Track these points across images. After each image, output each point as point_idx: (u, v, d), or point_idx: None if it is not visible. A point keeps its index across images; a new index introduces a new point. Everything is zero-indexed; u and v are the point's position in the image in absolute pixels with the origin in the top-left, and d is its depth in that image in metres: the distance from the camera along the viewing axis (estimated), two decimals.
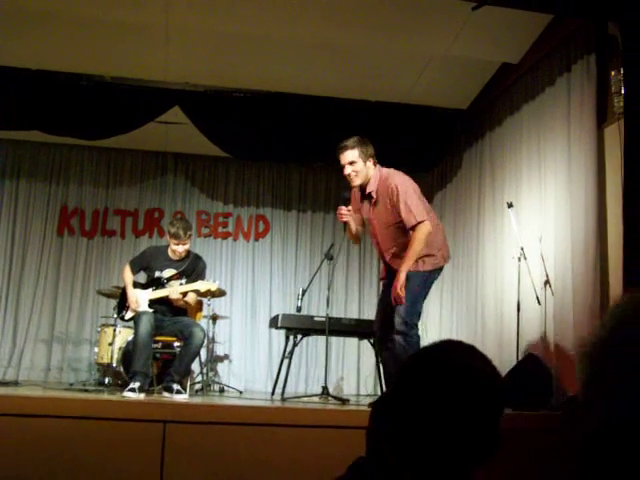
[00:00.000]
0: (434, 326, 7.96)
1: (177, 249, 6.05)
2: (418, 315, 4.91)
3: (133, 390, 5.31)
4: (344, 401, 5.87)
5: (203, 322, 6.72)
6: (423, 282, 4.90)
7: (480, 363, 1.29)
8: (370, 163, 5.02)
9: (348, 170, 4.97)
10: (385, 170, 5.09)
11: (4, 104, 7.35)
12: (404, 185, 4.97)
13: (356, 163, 4.97)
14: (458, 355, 1.30)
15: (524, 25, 6.27)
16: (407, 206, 4.89)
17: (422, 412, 1.23)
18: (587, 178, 5.35)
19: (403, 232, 4.95)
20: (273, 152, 8.32)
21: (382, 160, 5.11)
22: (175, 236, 6.03)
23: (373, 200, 5.04)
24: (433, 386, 1.24)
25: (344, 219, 5.02)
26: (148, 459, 3.60)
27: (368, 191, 5.03)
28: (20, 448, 3.60)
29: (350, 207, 5.07)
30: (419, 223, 4.83)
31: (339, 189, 9.69)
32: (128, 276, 6.11)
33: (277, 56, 7.06)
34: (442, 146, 8.20)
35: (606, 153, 5.38)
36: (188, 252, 6.22)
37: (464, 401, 1.23)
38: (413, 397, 1.25)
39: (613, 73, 5.28)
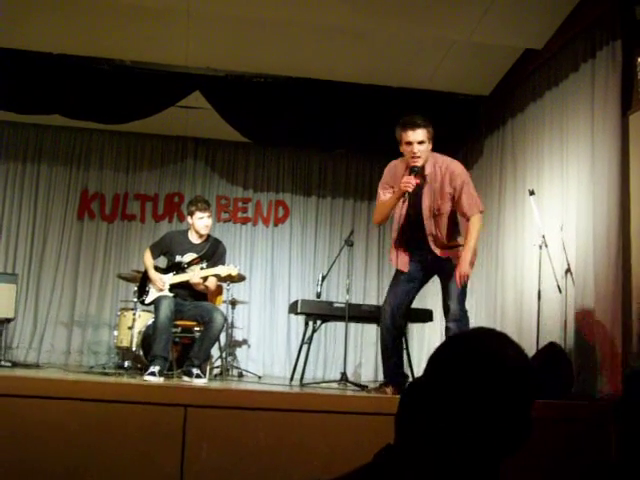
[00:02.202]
0: None
1: (202, 223, 6.05)
2: None
3: (153, 374, 5.33)
4: (363, 387, 5.87)
5: (222, 307, 6.73)
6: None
7: (512, 350, 1.28)
8: (431, 145, 4.84)
9: (416, 149, 4.71)
10: (438, 155, 4.91)
11: (26, 88, 7.38)
12: (465, 173, 4.92)
13: (424, 143, 4.76)
14: (490, 342, 1.29)
15: (548, 10, 6.20)
16: (470, 195, 4.85)
17: (454, 399, 1.22)
18: (610, 166, 5.30)
19: (449, 219, 4.88)
20: (293, 138, 8.30)
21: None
22: (200, 208, 6.05)
23: (426, 182, 4.84)
24: (465, 373, 1.23)
25: (409, 189, 4.65)
26: (169, 443, 3.61)
27: (426, 172, 4.82)
28: (41, 430, 3.63)
29: (407, 181, 4.67)
30: (480, 212, 4.84)
31: (359, 175, 9.70)
32: (149, 260, 6.12)
33: (298, 41, 7.03)
34: (463, 133, 8.15)
35: (630, 141, 5.31)
36: (208, 236, 6.22)
37: (496, 388, 1.22)
38: (445, 384, 1.24)
39: (639, 59, 5.20)
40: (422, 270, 5.00)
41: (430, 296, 7.60)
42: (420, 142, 4.73)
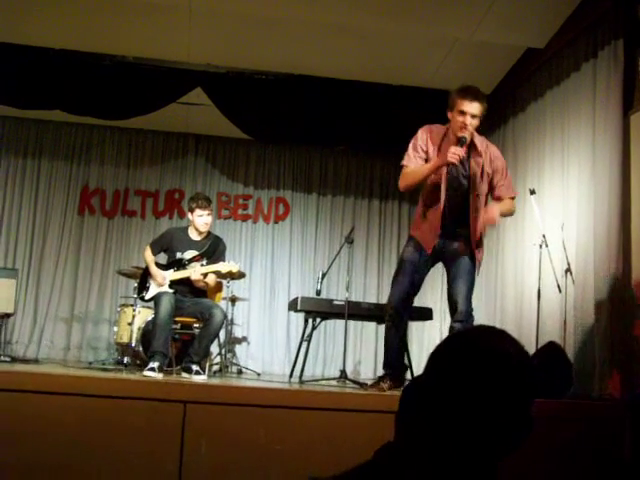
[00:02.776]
0: None
1: (201, 221, 6.05)
2: None
3: (152, 369, 5.34)
4: (362, 385, 5.87)
5: (222, 304, 6.73)
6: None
7: (513, 348, 1.28)
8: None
9: (469, 120, 4.50)
10: (476, 134, 4.73)
11: (27, 84, 7.38)
12: (502, 157, 4.88)
13: (477, 118, 4.55)
14: (491, 339, 1.29)
15: (550, 9, 6.19)
16: (510, 178, 4.86)
17: (454, 397, 1.23)
18: (611, 166, 5.29)
19: (481, 202, 4.73)
20: (294, 135, 8.30)
21: (405, 143, 4.98)
22: (201, 206, 6.05)
23: (470, 158, 4.68)
24: (465, 370, 1.24)
25: (455, 161, 4.41)
26: (168, 439, 3.61)
27: (480, 149, 4.67)
28: (40, 425, 3.63)
29: (455, 152, 4.43)
30: (514, 198, 4.86)
31: (359, 173, 9.70)
32: (149, 256, 6.13)
33: (300, 39, 7.03)
34: None
35: (632, 141, 5.30)
36: (208, 233, 6.23)
37: (496, 385, 1.23)
38: (445, 381, 1.25)
39: None
40: (432, 258, 4.83)
41: (430, 294, 7.62)
42: (473, 116, 4.53)
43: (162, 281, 5.96)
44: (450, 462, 1.23)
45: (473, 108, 4.52)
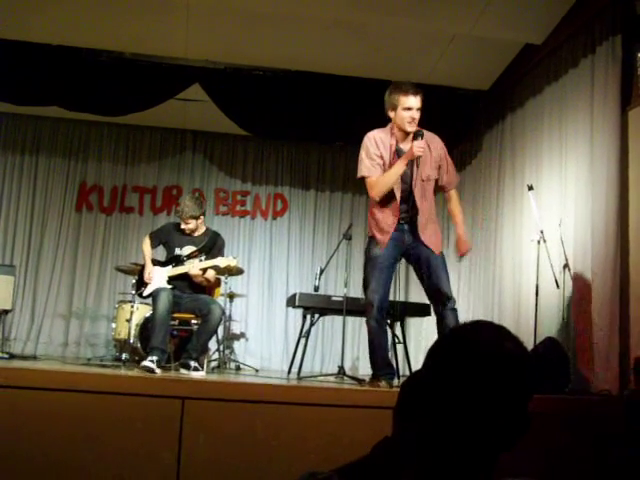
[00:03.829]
0: None
1: (187, 227, 6.09)
2: None
3: (151, 362, 5.33)
4: (360, 381, 5.87)
5: (220, 300, 6.73)
6: None
7: (511, 343, 1.28)
8: None
9: (416, 115, 4.66)
10: None
11: (24, 80, 7.36)
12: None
13: (419, 110, 4.70)
14: (489, 334, 1.29)
15: (548, 5, 6.19)
16: (452, 163, 4.97)
17: (453, 392, 1.22)
18: (609, 162, 5.29)
19: (430, 192, 4.87)
20: (292, 131, 8.30)
21: None
22: (182, 217, 6.08)
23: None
24: (463, 366, 1.23)
25: (421, 153, 4.61)
26: (166, 435, 3.62)
27: (427, 142, 4.77)
28: (38, 422, 3.63)
29: (419, 146, 4.61)
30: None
31: (357, 169, 9.68)
32: (147, 248, 6.14)
33: (297, 34, 7.02)
34: (462, 127, 8.14)
35: (630, 137, 5.31)
36: (207, 229, 6.24)
37: (495, 380, 1.22)
38: (443, 377, 1.24)
39: (639, 55, 5.20)
40: (398, 252, 4.86)
41: None
42: (418, 109, 4.69)
43: (147, 278, 5.97)
44: (448, 458, 1.23)
45: (417, 102, 4.69)
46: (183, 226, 6.09)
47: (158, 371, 5.30)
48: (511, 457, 1.35)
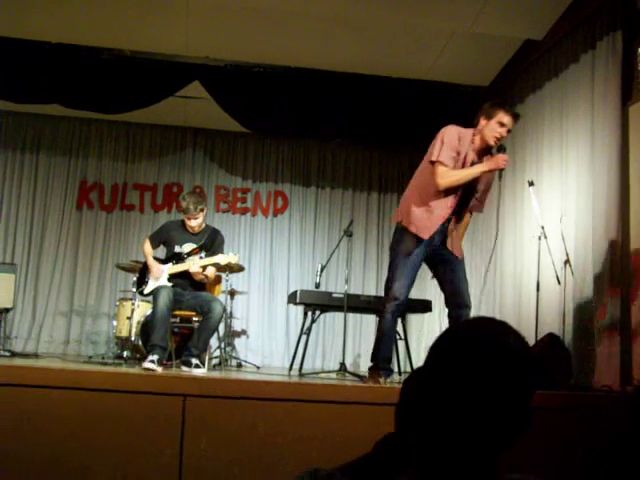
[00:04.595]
0: None
1: (189, 223, 6.06)
2: None
3: (152, 362, 5.33)
4: (362, 378, 5.87)
5: (221, 297, 6.73)
6: None
7: (513, 338, 1.27)
8: None
9: (505, 134, 4.70)
10: None
11: (25, 77, 7.37)
12: None
13: (509, 133, 4.78)
14: (491, 331, 1.28)
15: (548, 0, 6.18)
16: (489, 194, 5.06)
17: (455, 388, 1.22)
18: (610, 157, 5.29)
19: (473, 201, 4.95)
20: (292, 128, 8.30)
21: (403, 136, 5.02)
22: (185, 210, 6.04)
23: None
24: (466, 362, 1.23)
25: (505, 166, 4.68)
26: (168, 432, 3.61)
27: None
28: (39, 419, 3.63)
29: (505, 159, 4.67)
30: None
31: (358, 165, 9.70)
32: (148, 249, 6.14)
33: (297, 31, 7.01)
34: (462, 123, 8.11)
35: (630, 132, 5.30)
36: (206, 226, 6.23)
37: (497, 376, 1.22)
38: (446, 373, 1.24)
39: (639, 50, 5.19)
40: (427, 251, 4.84)
41: (431, 286, 7.60)
42: (508, 130, 4.73)
43: (158, 274, 5.95)
44: (450, 455, 1.23)
45: (511, 124, 4.72)
46: (192, 223, 6.03)
47: (159, 369, 5.30)
48: (512, 454, 1.35)
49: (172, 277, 5.95)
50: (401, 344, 6.60)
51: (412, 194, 4.88)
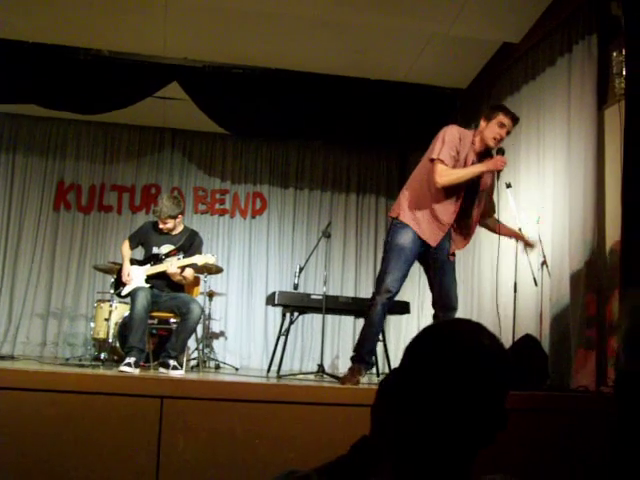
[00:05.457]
0: (430, 307, 7.95)
1: (164, 227, 6.06)
2: None
3: (129, 365, 5.31)
4: (340, 379, 5.88)
5: (199, 298, 6.72)
6: None
7: (488, 340, 1.28)
8: None
9: (504, 136, 4.78)
10: None
11: (1, 77, 7.29)
12: None
13: (508, 135, 4.83)
14: (466, 331, 1.29)
15: (526, 4, 6.23)
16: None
17: (430, 389, 1.23)
18: (586, 160, 5.34)
19: (480, 200, 4.98)
20: (271, 129, 8.30)
21: (381, 138, 5.04)
22: (154, 212, 6.08)
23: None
24: (441, 362, 1.24)
25: (502, 168, 4.76)
26: (145, 434, 3.60)
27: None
28: (15, 422, 3.60)
29: (503, 161, 4.74)
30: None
31: (336, 167, 9.72)
32: (125, 250, 6.11)
33: (276, 33, 7.01)
34: (441, 125, 8.14)
35: (606, 135, 5.36)
36: (185, 228, 6.22)
37: (472, 377, 1.23)
38: (421, 374, 1.25)
39: (615, 54, 5.24)
40: (420, 254, 4.89)
41: (409, 288, 7.63)
42: (508, 132, 4.80)
43: (126, 279, 5.93)
44: (426, 454, 1.23)
45: (511, 126, 4.80)
46: (161, 226, 6.06)
47: (136, 372, 5.27)
48: (489, 454, 1.37)
49: (150, 278, 5.93)
50: (379, 346, 6.62)
51: (411, 192, 4.92)
